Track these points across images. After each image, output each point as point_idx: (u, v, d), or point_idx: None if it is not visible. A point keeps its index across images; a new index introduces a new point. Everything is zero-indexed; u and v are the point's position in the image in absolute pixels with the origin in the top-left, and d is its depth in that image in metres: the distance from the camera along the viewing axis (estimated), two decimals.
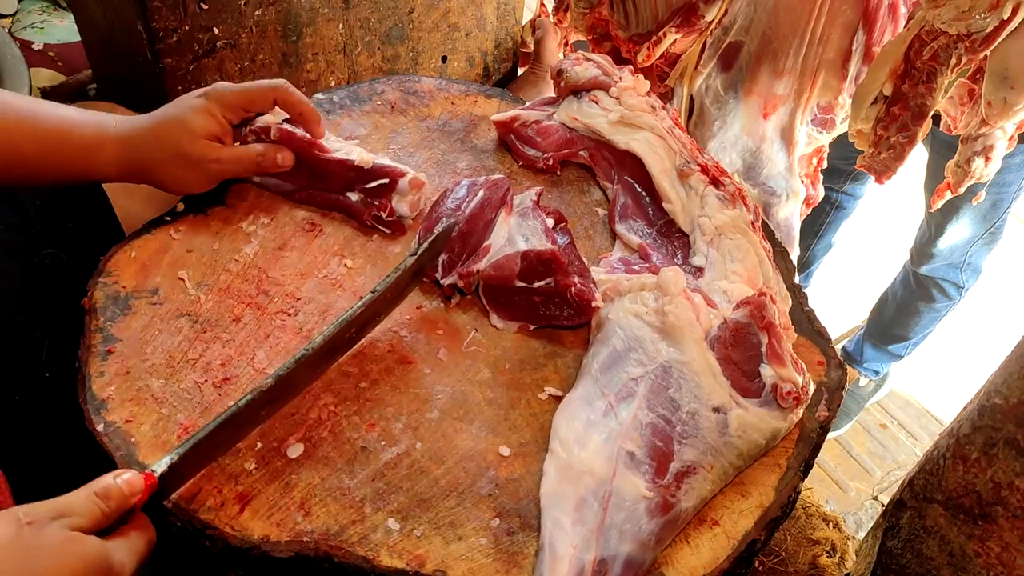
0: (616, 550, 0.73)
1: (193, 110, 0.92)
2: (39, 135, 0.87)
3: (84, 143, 0.89)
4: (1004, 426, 0.75)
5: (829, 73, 1.42)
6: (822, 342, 0.97)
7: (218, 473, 0.75)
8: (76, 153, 0.89)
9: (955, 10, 1.11)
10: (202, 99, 0.93)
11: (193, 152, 0.92)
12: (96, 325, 0.85)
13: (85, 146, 0.89)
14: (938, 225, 2.04)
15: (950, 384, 2.67)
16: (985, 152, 1.29)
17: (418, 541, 0.73)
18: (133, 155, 0.91)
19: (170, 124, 0.91)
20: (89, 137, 0.89)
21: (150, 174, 0.92)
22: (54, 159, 0.89)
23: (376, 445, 0.80)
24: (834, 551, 1.17)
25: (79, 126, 0.89)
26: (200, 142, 0.92)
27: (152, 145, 0.91)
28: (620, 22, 1.58)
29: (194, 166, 0.93)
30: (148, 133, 0.91)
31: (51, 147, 0.88)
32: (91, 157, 0.90)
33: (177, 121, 0.91)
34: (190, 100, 0.93)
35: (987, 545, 0.78)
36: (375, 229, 1.01)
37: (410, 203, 1.00)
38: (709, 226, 1.00)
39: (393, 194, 0.99)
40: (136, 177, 0.92)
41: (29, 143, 0.87)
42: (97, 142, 0.90)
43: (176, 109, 0.92)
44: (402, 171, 1.00)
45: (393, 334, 0.90)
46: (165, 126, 0.91)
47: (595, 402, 0.83)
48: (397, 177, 0.99)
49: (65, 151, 0.89)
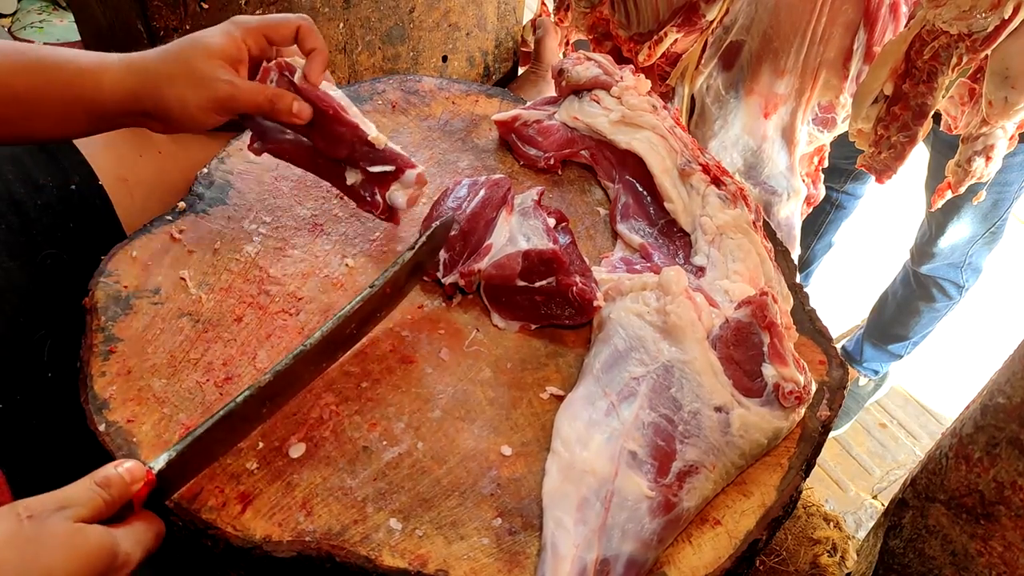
0: (618, 550, 0.73)
1: (212, 31, 0.87)
2: (29, 66, 0.81)
3: (81, 69, 0.82)
4: (1007, 425, 0.75)
5: (830, 72, 1.42)
6: (823, 341, 0.97)
7: (220, 473, 0.75)
8: (73, 80, 0.82)
9: (956, 9, 1.11)
10: (223, 25, 0.88)
11: (206, 70, 0.85)
12: (98, 325, 0.85)
13: (82, 71, 0.82)
14: (939, 224, 2.04)
15: (950, 383, 2.67)
16: (986, 151, 1.29)
17: (420, 541, 0.73)
18: (138, 76, 0.84)
19: (184, 43, 0.86)
20: (88, 63, 0.83)
21: (153, 98, 0.84)
22: (48, 90, 0.82)
23: (378, 445, 0.80)
24: (835, 550, 1.17)
25: (76, 55, 0.83)
26: (215, 61, 0.86)
27: (161, 61, 0.85)
28: (621, 21, 1.58)
29: (204, 86, 0.85)
30: (158, 53, 0.85)
31: (45, 77, 0.81)
32: (89, 83, 0.83)
33: (192, 40, 0.86)
34: (209, 28, 0.88)
35: (990, 545, 0.78)
36: (371, 216, 0.99)
37: (409, 196, 0.97)
38: (710, 225, 1.00)
39: (395, 183, 0.96)
40: (137, 104, 0.85)
41: (17, 76, 0.80)
42: (97, 67, 0.83)
43: (196, 35, 0.87)
44: (412, 163, 0.96)
45: (395, 334, 0.90)
46: (179, 45, 0.86)
47: (597, 401, 0.83)
48: (405, 167, 0.95)
49: (61, 78, 0.82)
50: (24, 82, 0.81)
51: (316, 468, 0.77)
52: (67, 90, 0.82)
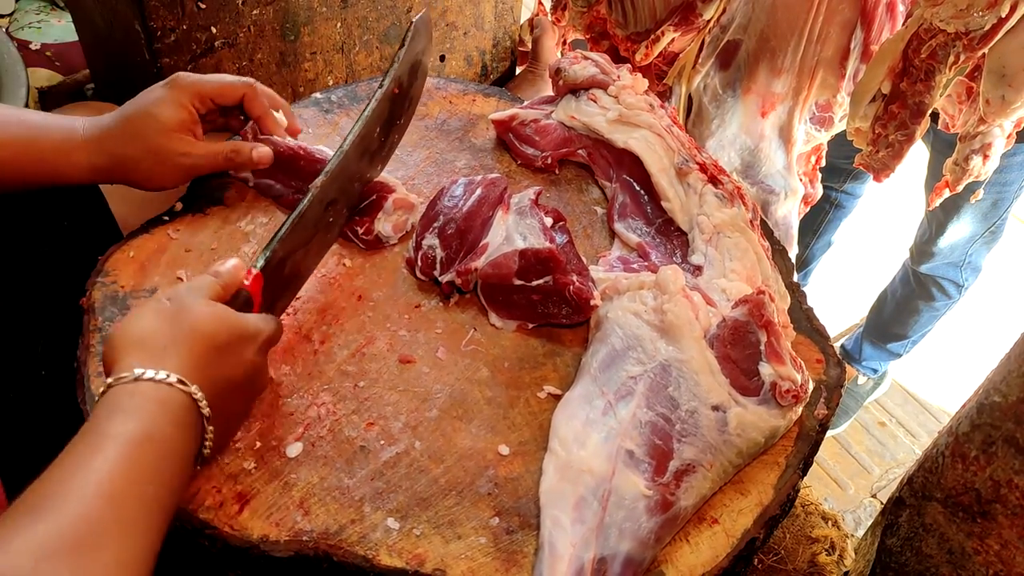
0: (615, 548, 0.73)
1: (161, 101, 0.90)
2: (4, 141, 0.85)
3: (52, 146, 0.87)
4: (1003, 424, 0.75)
5: (827, 71, 1.42)
6: (821, 340, 0.97)
7: (217, 472, 0.75)
8: (45, 157, 0.87)
9: (953, 8, 1.11)
10: (167, 89, 0.91)
11: (164, 146, 0.90)
12: (94, 325, 0.85)
13: (54, 149, 0.87)
14: (939, 224, 2.03)
15: (949, 382, 2.67)
16: (983, 150, 1.29)
17: (417, 540, 0.73)
18: (104, 155, 0.89)
19: (138, 118, 0.90)
20: (57, 140, 0.87)
21: (122, 172, 0.90)
22: (21, 164, 0.86)
23: (375, 444, 0.80)
24: (833, 549, 1.17)
25: (46, 129, 0.87)
26: (171, 135, 0.90)
27: (121, 142, 0.89)
28: (618, 20, 1.58)
29: (166, 161, 0.91)
30: (117, 130, 0.89)
31: (18, 152, 0.85)
32: (61, 160, 0.87)
33: (145, 114, 0.90)
34: (156, 91, 0.91)
35: (986, 543, 0.78)
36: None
37: (395, 223, 0.98)
38: (708, 224, 1.00)
39: (379, 212, 0.97)
40: (108, 176, 0.91)
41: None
42: (66, 145, 0.87)
43: (143, 102, 0.90)
44: (391, 187, 0.98)
45: (392, 333, 0.90)
46: (133, 122, 0.90)
47: (594, 401, 0.83)
48: (386, 195, 0.97)
49: (33, 155, 0.86)
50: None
51: (313, 468, 0.77)
52: (38, 167, 0.87)
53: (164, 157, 0.90)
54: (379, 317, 0.91)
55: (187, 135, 0.92)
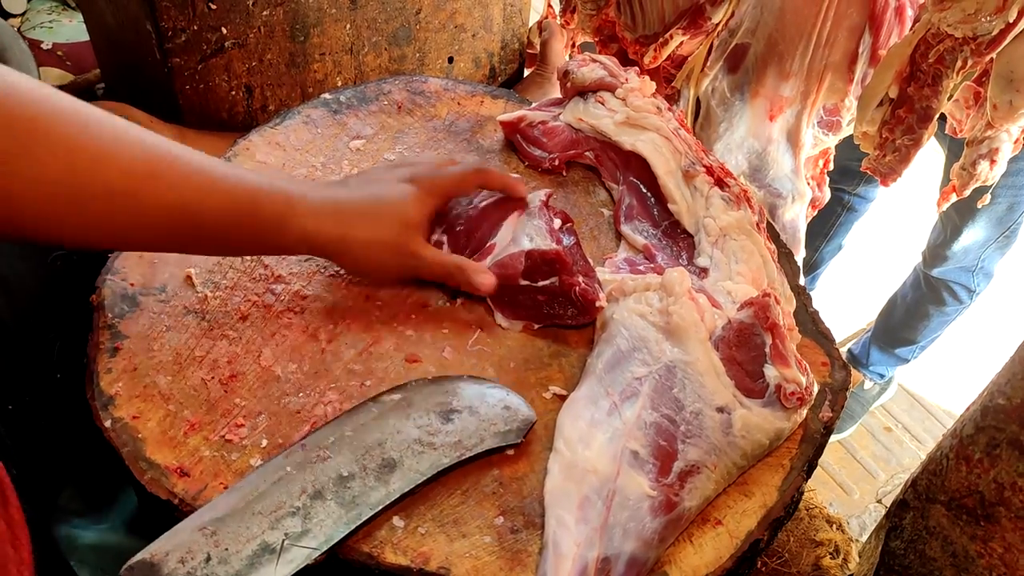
0: (619, 548, 0.73)
1: (412, 196, 0.87)
2: (225, 208, 0.76)
3: (272, 215, 0.79)
4: (1007, 427, 0.75)
5: (835, 75, 1.42)
6: (826, 343, 0.97)
7: (224, 470, 0.76)
8: (261, 228, 0.79)
9: (961, 13, 1.11)
10: (412, 187, 0.88)
11: (404, 243, 0.87)
12: (104, 322, 0.85)
13: (273, 218, 0.79)
14: (954, 227, 2.03)
15: (956, 388, 2.67)
16: (990, 155, 1.29)
17: (422, 538, 0.74)
18: (331, 231, 0.82)
19: (387, 209, 0.86)
20: (279, 209, 0.79)
21: (339, 252, 0.85)
22: (234, 235, 0.78)
23: None
24: (837, 553, 1.17)
25: (269, 196, 0.78)
26: (414, 234, 0.87)
27: (359, 224, 0.84)
28: (627, 24, 1.58)
29: (400, 255, 0.87)
30: (358, 213, 0.85)
31: (236, 221, 0.77)
32: (275, 232, 0.80)
33: (394, 207, 0.86)
34: (400, 186, 0.88)
35: (990, 546, 0.78)
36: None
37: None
38: (714, 227, 1.00)
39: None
40: (317, 251, 0.85)
41: (213, 213, 0.75)
42: (285, 214, 0.79)
43: (389, 192, 0.87)
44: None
45: (398, 332, 0.90)
46: (381, 210, 0.86)
47: (599, 401, 0.84)
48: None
49: (248, 225, 0.78)
50: (215, 221, 0.76)
51: None
52: (251, 239, 0.80)
53: (397, 252, 0.87)
54: (386, 316, 0.92)
55: (424, 236, 0.90)
